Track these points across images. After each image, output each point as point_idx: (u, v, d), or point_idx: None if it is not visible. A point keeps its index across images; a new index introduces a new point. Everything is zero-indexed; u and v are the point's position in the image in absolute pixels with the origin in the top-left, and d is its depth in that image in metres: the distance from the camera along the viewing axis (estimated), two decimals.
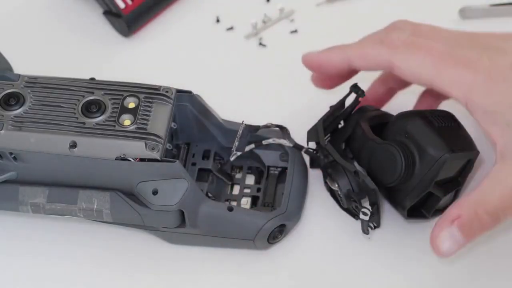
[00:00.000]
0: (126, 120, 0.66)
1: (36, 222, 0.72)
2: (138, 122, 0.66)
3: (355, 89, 0.70)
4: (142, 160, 0.65)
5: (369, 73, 0.73)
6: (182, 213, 0.66)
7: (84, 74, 0.70)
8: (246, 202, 0.71)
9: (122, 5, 0.82)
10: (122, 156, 0.65)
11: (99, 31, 0.85)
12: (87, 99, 0.67)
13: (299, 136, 0.72)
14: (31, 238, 0.71)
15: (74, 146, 0.65)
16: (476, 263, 0.69)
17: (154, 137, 0.65)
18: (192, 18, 0.86)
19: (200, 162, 0.72)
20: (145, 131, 0.65)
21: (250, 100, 0.79)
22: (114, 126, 0.65)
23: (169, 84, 0.68)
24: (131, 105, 0.67)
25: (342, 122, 0.72)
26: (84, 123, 0.66)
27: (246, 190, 0.72)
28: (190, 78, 0.79)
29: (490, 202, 0.61)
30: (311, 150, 0.71)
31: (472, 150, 0.66)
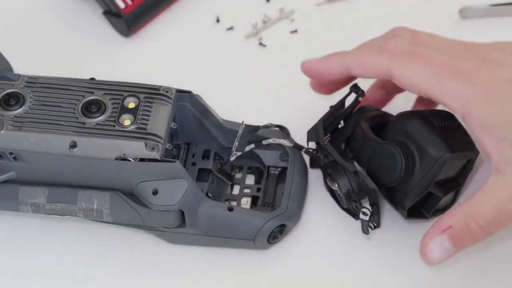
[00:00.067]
0: (126, 120, 0.66)
1: (36, 222, 0.72)
2: (138, 122, 0.66)
3: (355, 89, 0.70)
4: (142, 160, 0.65)
5: None
6: (182, 213, 0.66)
7: (84, 74, 0.70)
8: (246, 202, 0.71)
9: (122, 5, 0.82)
10: (122, 156, 0.65)
11: (99, 31, 0.85)
12: (87, 99, 0.67)
13: (299, 136, 0.72)
14: (31, 238, 0.71)
15: (74, 146, 0.65)
16: (476, 263, 0.69)
17: (154, 137, 0.65)
18: (192, 18, 0.86)
19: (200, 162, 0.72)
20: (145, 131, 0.65)
21: (250, 100, 0.79)
22: (114, 126, 0.65)
23: (169, 84, 0.68)
24: (131, 105, 0.67)
25: (342, 122, 0.72)
26: (84, 123, 0.66)
27: (246, 190, 0.72)
28: (190, 78, 0.79)
29: (482, 214, 0.62)
30: (311, 150, 0.71)
31: (472, 150, 0.66)
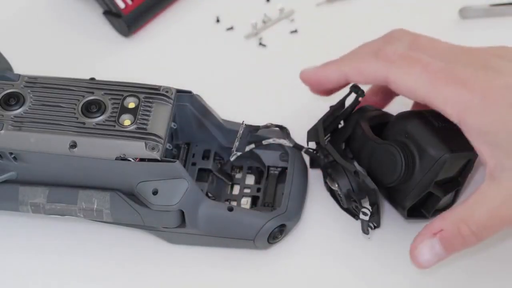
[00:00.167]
0: (126, 120, 0.66)
1: (36, 222, 0.72)
2: (138, 122, 0.66)
3: (355, 89, 0.70)
4: (142, 160, 0.65)
5: None
6: (182, 213, 0.66)
7: (84, 74, 0.70)
8: (246, 202, 0.71)
9: (122, 5, 0.82)
10: (122, 156, 0.65)
11: (99, 31, 0.85)
12: (87, 99, 0.67)
13: (299, 136, 0.72)
14: (31, 238, 0.71)
15: (74, 146, 0.65)
16: (475, 263, 0.69)
17: (154, 137, 0.65)
18: (192, 18, 0.86)
19: (200, 162, 0.72)
20: (145, 131, 0.65)
21: (250, 100, 0.79)
22: (114, 126, 0.65)
23: (169, 84, 0.68)
24: (131, 105, 0.67)
25: (342, 122, 0.72)
26: (84, 123, 0.66)
27: (246, 190, 0.72)
28: (190, 78, 0.79)
29: (474, 219, 0.61)
30: (311, 150, 0.71)
31: (472, 150, 0.66)
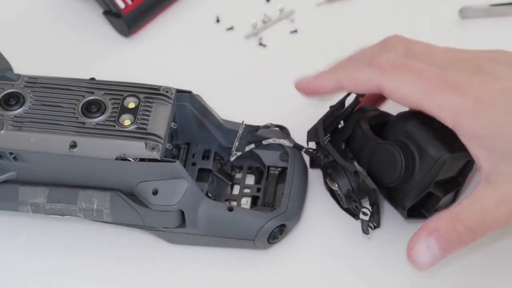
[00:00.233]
0: (126, 120, 0.66)
1: (36, 222, 0.72)
2: (138, 122, 0.66)
3: None
4: (142, 160, 0.65)
5: None
6: (182, 213, 0.66)
7: (84, 74, 0.70)
8: (246, 202, 0.71)
9: (122, 5, 0.82)
10: (122, 156, 0.65)
11: (99, 31, 0.84)
12: (87, 99, 0.67)
13: (299, 136, 0.72)
14: (31, 238, 0.71)
15: (74, 146, 0.65)
16: (475, 263, 0.69)
17: (154, 137, 0.65)
18: (192, 18, 0.86)
19: (200, 162, 0.72)
20: (145, 131, 0.65)
21: (250, 100, 0.79)
22: (114, 126, 0.65)
23: (169, 84, 0.68)
24: (131, 105, 0.67)
25: (342, 122, 0.72)
26: (84, 123, 0.66)
27: (246, 190, 0.72)
28: (190, 78, 0.79)
29: (469, 218, 0.61)
30: (311, 150, 0.71)
31: None
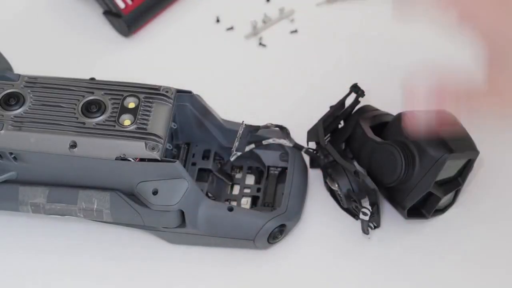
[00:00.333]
0: (126, 120, 0.66)
1: (36, 222, 0.72)
2: (138, 122, 0.66)
3: (355, 89, 0.70)
4: (142, 160, 0.65)
5: (367, 75, 0.72)
6: (182, 213, 0.66)
7: (84, 74, 0.70)
8: (246, 202, 0.71)
9: (122, 5, 0.82)
10: (122, 156, 0.65)
11: (99, 31, 0.85)
12: (87, 99, 0.67)
13: (299, 136, 0.72)
14: (31, 238, 0.71)
15: (74, 146, 0.65)
16: (475, 263, 0.69)
17: (154, 137, 0.65)
18: (192, 18, 0.86)
19: (200, 162, 0.72)
20: (145, 131, 0.65)
21: (250, 100, 0.79)
22: (114, 126, 0.65)
23: (169, 84, 0.68)
24: (131, 105, 0.67)
25: (342, 122, 0.72)
26: (84, 123, 0.66)
27: (246, 190, 0.72)
28: (190, 78, 0.79)
29: None
30: (311, 150, 0.71)
31: (472, 150, 0.66)
